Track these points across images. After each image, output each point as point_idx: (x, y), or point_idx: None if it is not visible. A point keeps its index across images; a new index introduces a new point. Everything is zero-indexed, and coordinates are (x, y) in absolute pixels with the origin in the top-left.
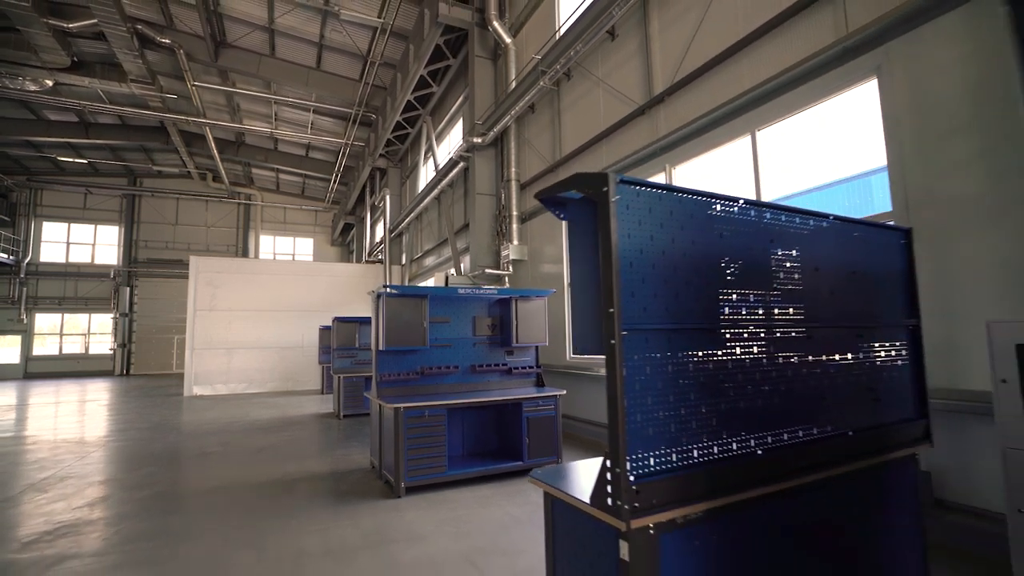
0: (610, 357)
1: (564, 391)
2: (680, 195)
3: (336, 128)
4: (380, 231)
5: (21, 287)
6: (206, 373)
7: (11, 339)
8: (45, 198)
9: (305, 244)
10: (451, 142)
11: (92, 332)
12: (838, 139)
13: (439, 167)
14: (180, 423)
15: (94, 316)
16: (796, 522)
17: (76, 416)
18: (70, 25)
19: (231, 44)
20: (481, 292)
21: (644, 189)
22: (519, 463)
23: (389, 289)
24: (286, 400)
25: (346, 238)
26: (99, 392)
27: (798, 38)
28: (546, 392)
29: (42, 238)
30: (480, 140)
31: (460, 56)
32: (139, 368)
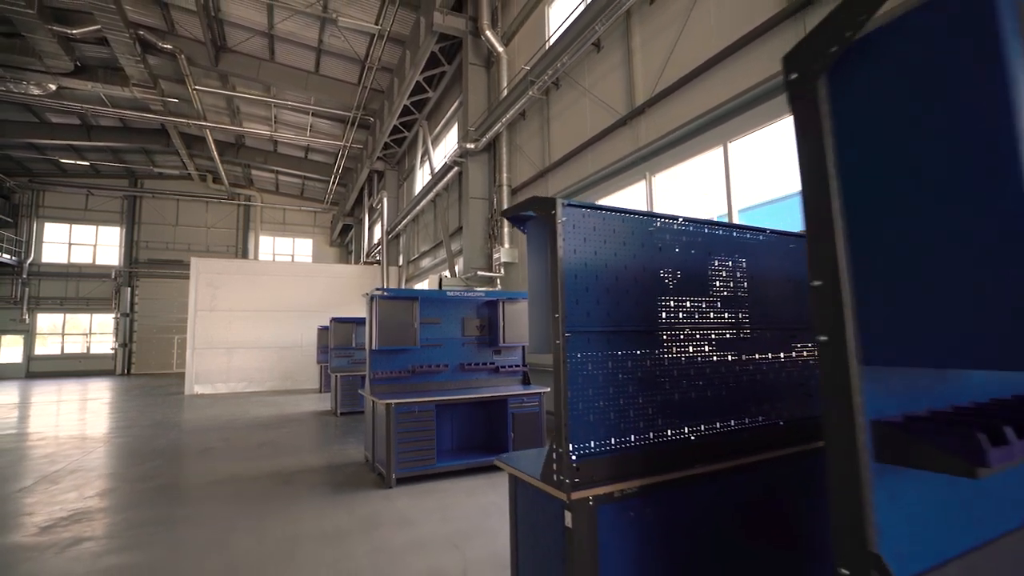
0: (556, 355)
1: (548, 389)
2: (622, 215)
3: (335, 131)
4: (378, 233)
5: (23, 287)
6: (207, 372)
7: (13, 339)
8: (47, 199)
9: (304, 245)
10: (447, 146)
11: (93, 332)
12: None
13: (435, 171)
14: (182, 420)
15: (95, 316)
16: (727, 500)
17: (80, 414)
18: (74, 31)
19: (231, 49)
20: (469, 294)
21: (589, 211)
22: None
23: (381, 292)
24: (285, 399)
25: (345, 239)
26: (101, 391)
27: (767, 55)
28: (531, 390)
29: (44, 239)
30: (473, 146)
31: (455, 63)
32: (140, 368)
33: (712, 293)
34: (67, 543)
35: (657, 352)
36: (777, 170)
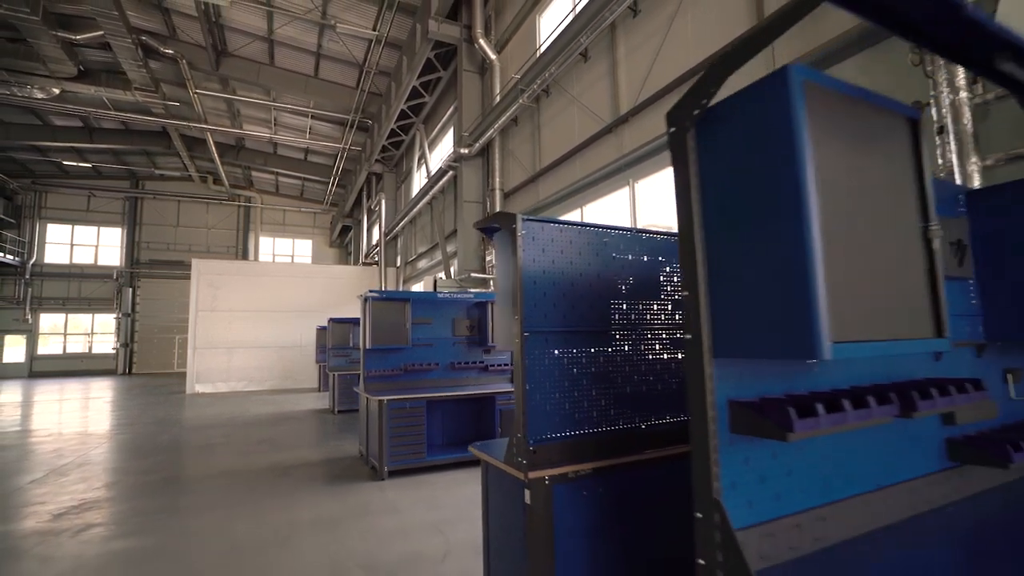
0: (516, 352)
1: None
2: (577, 227)
3: (334, 133)
4: (376, 234)
5: (26, 288)
6: (207, 371)
7: (16, 339)
8: (49, 201)
9: (304, 245)
10: (443, 149)
11: (95, 332)
12: None
13: (431, 174)
14: (183, 418)
15: (97, 316)
16: (675, 481)
17: (85, 412)
18: (77, 37)
19: (232, 53)
20: (459, 296)
21: (547, 224)
22: None
23: (375, 294)
24: (284, 397)
25: (344, 239)
26: (103, 390)
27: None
28: None
29: (46, 240)
30: (467, 151)
31: (450, 68)
32: (141, 367)
33: (663, 297)
34: (79, 528)
35: (610, 350)
36: None
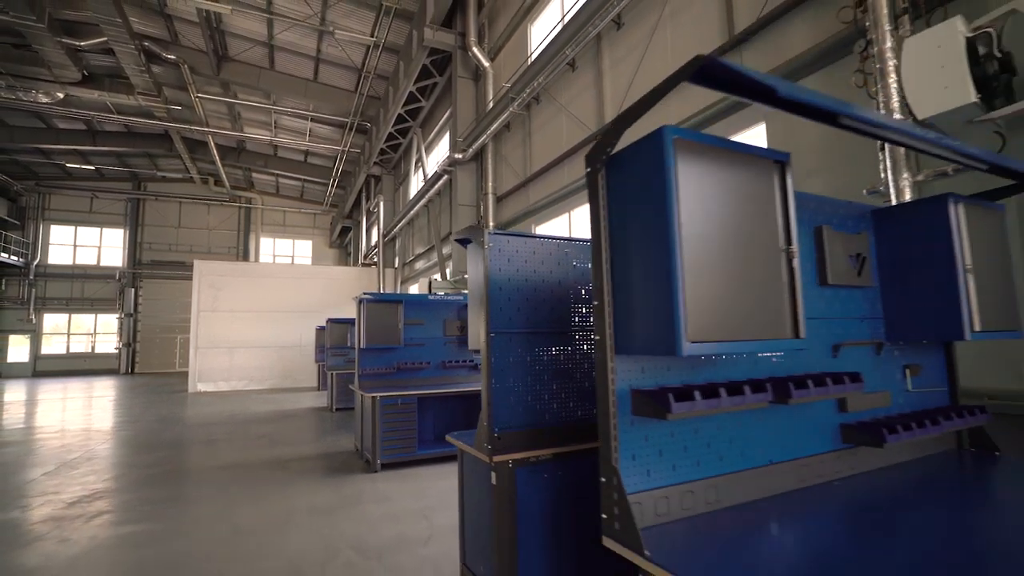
0: (483, 350)
1: None
2: (540, 240)
3: (333, 135)
4: (375, 235)
5: (30, 288)
6: (209, 371)
7: (20, 339)
8: (53, 202)
9: (304, 246)
10: (439, 152)
11: (98, 332)
12: None
13: (428, 177)
14: (186, 416)
15: (100, 316)
16: None
17: (90, 410)
18: (81, 43)
19: (233, 58)
20: (450, 297)
21: (512, 237)
22: None
23: (368, 296)
24: (284, 396)
25: (344, 240)
26: (107, 389)
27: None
28: None
29: (50, 241)
30: (461, 156)
31: (446, 74)
32: (143, 367)
33: None
34: (92, 515)
35: (570, 349)
36: None
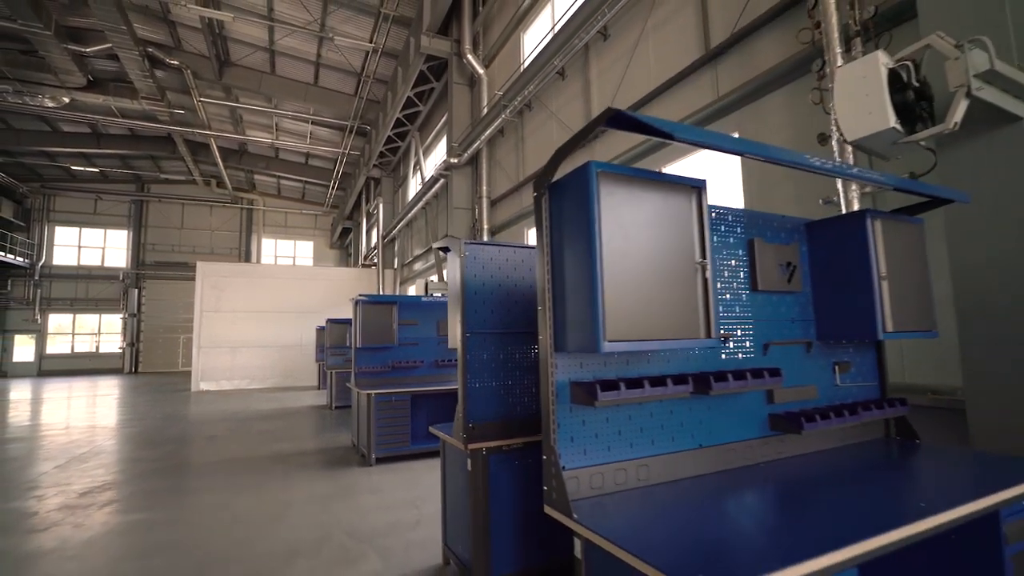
0: (460, 349)
1: None
2: (513, 248)
3: (334, 138)
4: (375, 237)
5: (35, 289)
6: (211, 370)
7: (26, 338)
8: (58, 204)
9: (305, 247)
10: (437, 156)
11: (102, 332)
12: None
13: (425, 180)
14: (189, 413)
15: (104, 316)
16: None
17: (96, 408)
18: (87, 49)
19: (234, 63)
20: (443, 299)
21: (487, 247)
22: None
23: (364, 297)
24: (285, 394)
25: (344, 241)
26: (111, 388)
27: (690, 94)
28: None
29: (55, 242)
30: (457, 160)
31: (442, 80)
32: (147, 366)
33: None
34: (102, 503)
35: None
36: None
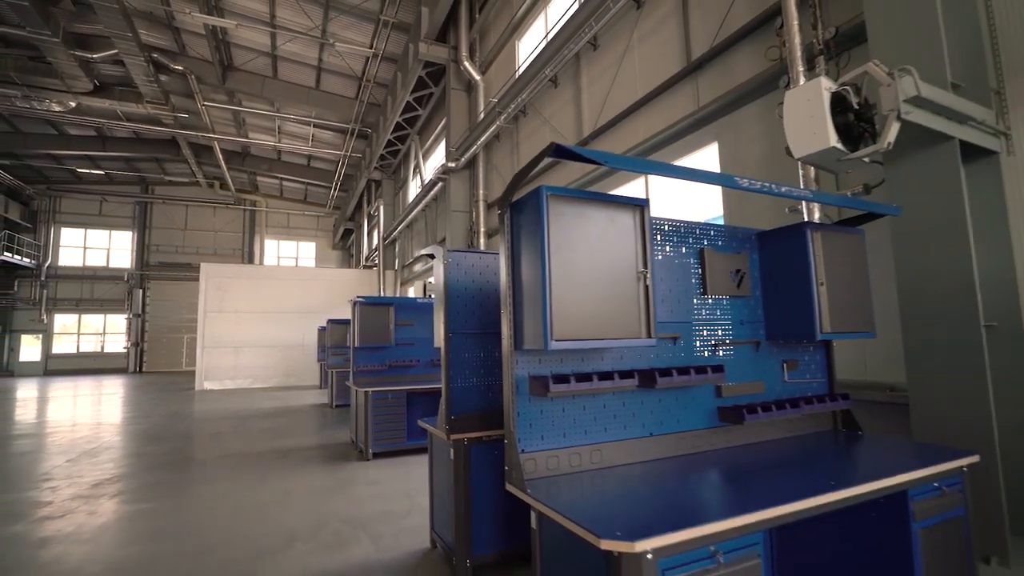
0: (443, 348)
1: None
2: (493, 254)
3: (335, 140)
4: (376, 238)
5: (42, 289)
6: (215, 369)
7: (32, 338)
8: (63, 205)
9: (308, 248)
10: (436, 159)
11: (107, 332)
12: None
13: (425, 183)
14: (193, 412)
15: (109, 316)
16: None
17: (103, 407)
18: (93, 55)
19: (237, 68)
20: None
21: (468, 254)
22: None
23: (362, 299)
24: (287, 393)
25: (346, 242)
26: (117, 387)
27: (673, 104)
28: None
29: (61, 243)
30: (454, 164)
31: (441, 85)
32: (151, 366)
33: None
34: (113, 494)
35: None
36: (685, 202)
